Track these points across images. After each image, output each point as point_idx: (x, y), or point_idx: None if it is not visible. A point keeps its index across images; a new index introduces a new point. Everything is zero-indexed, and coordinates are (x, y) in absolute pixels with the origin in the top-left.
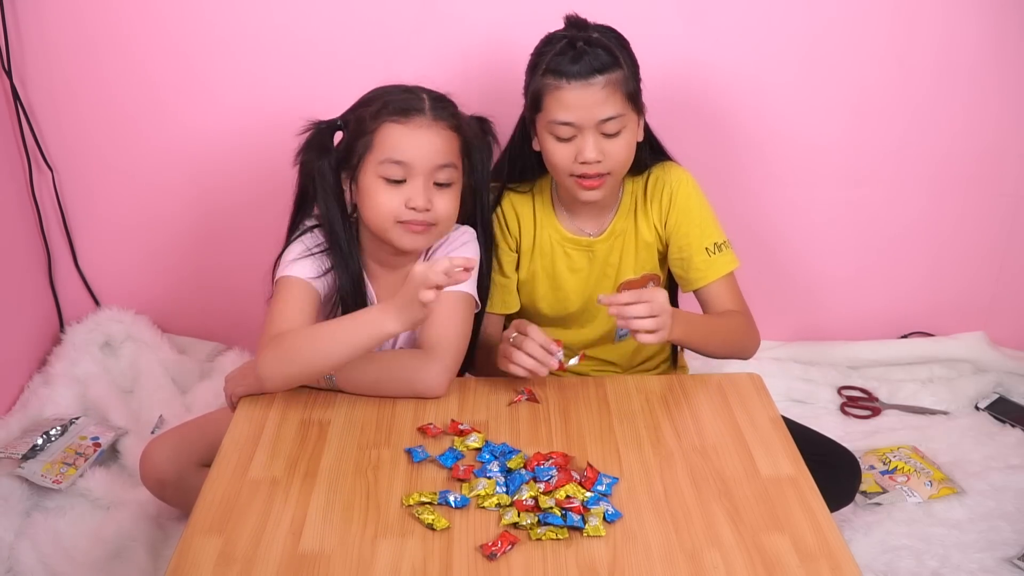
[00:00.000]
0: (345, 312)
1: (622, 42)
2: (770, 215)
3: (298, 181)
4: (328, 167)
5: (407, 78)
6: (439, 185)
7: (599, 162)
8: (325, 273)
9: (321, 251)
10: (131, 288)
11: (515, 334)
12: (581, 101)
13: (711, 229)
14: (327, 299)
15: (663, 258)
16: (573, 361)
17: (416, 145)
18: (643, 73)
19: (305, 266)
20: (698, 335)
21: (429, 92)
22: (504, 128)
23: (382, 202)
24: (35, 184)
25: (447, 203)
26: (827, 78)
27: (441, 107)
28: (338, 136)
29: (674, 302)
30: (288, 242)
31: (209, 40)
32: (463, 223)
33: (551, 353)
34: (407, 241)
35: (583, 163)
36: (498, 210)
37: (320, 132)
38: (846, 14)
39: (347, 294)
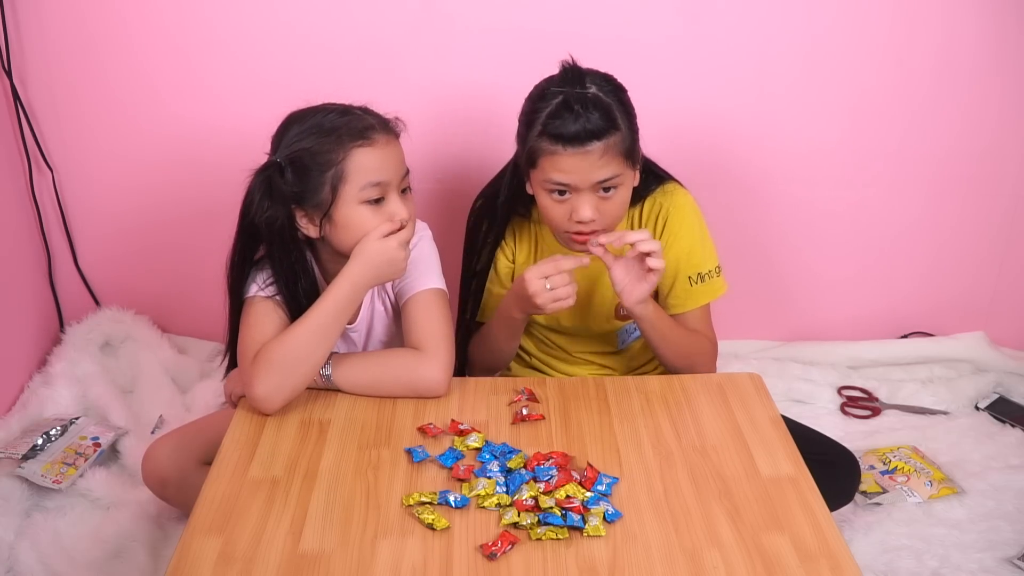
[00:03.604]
0: None
1: (619, 95)
2: (771, 215)
3: (241, 228)
4: (287, 214)
5: (407, 77)
6: (403, 191)
7: (593, 220)
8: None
9: (271, 284)
10: (131, 288)
11: (545, 283)
12: (577, 166)
13: (698, 258)
14: None
15: None
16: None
17: (387, 162)
18: (642, 79)
19: (267, 292)
20: (663, 324)
21: (357, 108)
22: (504, 126)
23: (371, 229)
24: (35, 184)
25: (412, 204)
26: (827, 79)
27: (381, 118)
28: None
29: None
30: (234, 285)
31: (210, 40)
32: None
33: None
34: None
35: (578, 222)
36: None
37: (269, 177)
38: (846, 16)
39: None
